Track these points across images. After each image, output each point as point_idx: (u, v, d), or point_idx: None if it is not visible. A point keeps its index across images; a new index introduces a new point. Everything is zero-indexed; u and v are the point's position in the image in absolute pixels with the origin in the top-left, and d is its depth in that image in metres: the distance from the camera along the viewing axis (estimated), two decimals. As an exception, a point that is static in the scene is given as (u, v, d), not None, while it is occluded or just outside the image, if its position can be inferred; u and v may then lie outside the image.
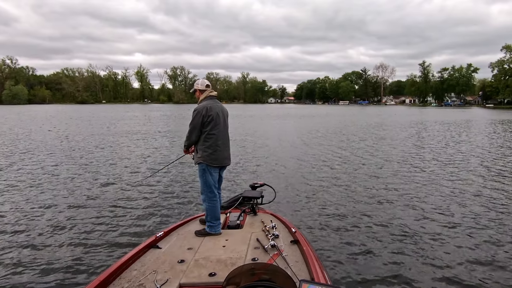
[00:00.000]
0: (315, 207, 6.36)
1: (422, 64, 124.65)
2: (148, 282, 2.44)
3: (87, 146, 14.84)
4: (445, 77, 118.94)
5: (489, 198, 6.83)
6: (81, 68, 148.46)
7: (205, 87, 3.80)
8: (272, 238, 3.09)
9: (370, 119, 37.59)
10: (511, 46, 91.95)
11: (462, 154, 12.63)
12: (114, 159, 11.55)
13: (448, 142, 16.67)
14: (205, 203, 3.66)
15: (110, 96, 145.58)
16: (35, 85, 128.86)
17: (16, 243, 4.73)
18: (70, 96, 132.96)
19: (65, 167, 9.99)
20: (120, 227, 5.31)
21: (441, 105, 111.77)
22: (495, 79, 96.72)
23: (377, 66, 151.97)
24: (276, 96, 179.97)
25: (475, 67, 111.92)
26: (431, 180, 8.42)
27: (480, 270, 3.98)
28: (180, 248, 3.05)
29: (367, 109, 74.04)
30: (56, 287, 3.67)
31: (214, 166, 3.67)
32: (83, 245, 4.64)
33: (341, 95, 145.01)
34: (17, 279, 3.80)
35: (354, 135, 20.14)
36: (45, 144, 15.38)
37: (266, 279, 2.00)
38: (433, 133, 21.62)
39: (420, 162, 10.93)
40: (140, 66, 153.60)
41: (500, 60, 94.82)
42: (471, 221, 5.56)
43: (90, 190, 7.47)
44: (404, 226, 5.34)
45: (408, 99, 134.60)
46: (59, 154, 12.46)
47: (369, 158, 11.80)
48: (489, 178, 8.68)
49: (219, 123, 3.66)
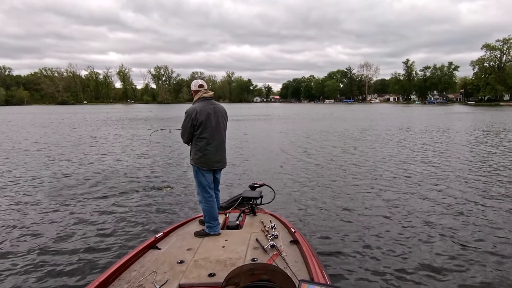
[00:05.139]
0: (315, 207, 6.37)
1: (405, 62, 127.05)
2: (147, 283, 2.44)
3: (79, 145, 14.48)
4: (428, 75, 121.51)
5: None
6: (60, 68, 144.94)
7: (198, 87, 3.71)
8: (272, 238, 3.10)
9: (360, 123, 36.72)
10: (491, 44, 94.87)
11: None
12: (111, 159, 11.32)
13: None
14: (202, 204, 3.65)
15: (91, 97, 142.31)
16: (12, 85, 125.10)
17: (15, 244, 4.69)
18: (49, 97, 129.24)
19: (64, 167, 9.79)
20: (119, 228, 5.27)
21: (425, 103, 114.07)
22: (476, 77, 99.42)
23: (361, 65, 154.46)
24: (262, 95, 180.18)
25: (456, 65, 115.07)
26: (439, 185, 7.94)
27: (482, 270, 4.00)
28: (179, 249, 3.05)
29: (353, 107, 74.74)
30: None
31: (205, 169, 3.64)
32: (82, 247, 4.60)
33: (326, 93, 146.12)
34: (16, 281, 3.76)
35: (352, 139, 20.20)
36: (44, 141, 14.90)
37: (266, 279, 2.00)
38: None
39: (421, 163, 10.96)
40: (122, 66, 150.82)
41: (480, 58, 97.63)
42: (480, 221, 5.54)
43: (89, 191, 7.36)
44: (405, 226, 5.37)
45: (392, 97, 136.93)
46: (57, 152, 12.16)
47: (370, 158, 11.81)
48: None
49: (210, 125, 3.58)
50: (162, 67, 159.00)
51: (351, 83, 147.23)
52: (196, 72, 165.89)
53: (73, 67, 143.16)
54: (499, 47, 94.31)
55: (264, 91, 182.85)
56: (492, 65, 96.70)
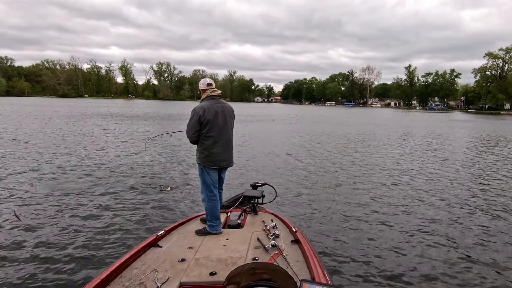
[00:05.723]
0: (316, 206, 6.38)
1: (408, 67, 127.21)
2: (148, 281, 2.44)
3: (80, 141, 14.44)
4: (430, 81, 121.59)
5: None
6: (62, 61, 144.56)
7: (206, 85, 3.72)
8: (273, 237, 3.09)
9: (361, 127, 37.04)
10: (494, 53, 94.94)
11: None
12: (113, 156, 11.30)
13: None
14: (205, 202, 3.65)
15: (92, 90, 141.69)
16: (13, 76, 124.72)
17: (15, 241, 4.64)
18: (50, 89, 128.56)
19: (64, 165, 9.71)
20: (120, 225, 5.25)
21: (426, 109, 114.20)
22: (477, 85, 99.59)
23: (363, 69, 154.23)
24: (263, 95, 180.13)
25: (458, 72, 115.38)
26: (438, 187, 8.09)
27: (481, 277, 4.00)
28: (180, 247, 3.04)
29: (354, 111, 74.73)
30: (56, 286, 3.61)
31: (211, 168, 3.64)
32: (84, 244, 4.57)
33: (328, 96, 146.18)
34: (17, 278, 3.74)
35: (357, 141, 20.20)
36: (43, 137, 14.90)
37: (267, 279, 1.99)
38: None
39: (424, 164, 11.02)
40: (124, 61, 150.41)
41: (482, 66, 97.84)
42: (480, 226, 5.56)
43: (90, 188, 7.31)
44: (405, 227, 5.39)
45: (393, 102, 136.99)
46: (56, 149, 12.15)
47: (371, 161, 11.81)
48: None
49: (217, 124, 3.58)
50: (164, 64, 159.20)
51: (353, 87, 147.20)
52: (198, 70, 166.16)
53: (75, 60, 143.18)
54: (502, 56, 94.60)
55: (266, 91, 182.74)
56: (494, 73, 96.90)
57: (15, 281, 3.67)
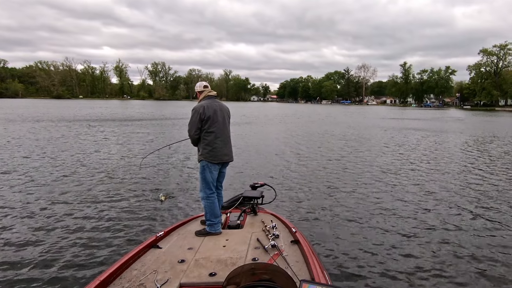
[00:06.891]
0: (316, 207, 6.37)
1: (403, 65, 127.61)
2: (148, 282, 2.45)
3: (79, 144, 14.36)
4: (425, 78, 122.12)
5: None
6: (56, 62, 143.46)
7: (203, 88, 3.96)
8: (273, 238, 3.10)
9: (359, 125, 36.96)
10: (488, 50, 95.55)
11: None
12: (114, 159, 11.23)
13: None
14: (203, 200, 3.70)
15: (87, 91, 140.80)
16: (6, 78, 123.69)
17: (16, 242, 4.64)
18: (44, 91, 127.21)
19: (63, 165, 9.69)
20: (120, 226, 5.24)
21: (421, 106, 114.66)
22: (472, 82, 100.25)
23: (359, 67, 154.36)
24: (259, 94, 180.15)
25: (453, 69, 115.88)
26: (442, 189, 7.86)
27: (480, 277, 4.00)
28: (180, 248, 3.05)
29: (350, 109, 74.83)
30: (56, 287, 3.61)
31: (214, 163, 3.75)
32: (83, 245, 4.57)
33: (324, 94, 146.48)
34: (17, 278, 3.74)
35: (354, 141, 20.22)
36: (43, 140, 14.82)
37: (267, 279, 2.02)
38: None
39: (424, 168, 10.94)
40: (119, 61, 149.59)
41: (477, 63, 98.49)
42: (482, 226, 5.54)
43: (90, 190, 7.28)
44: (406, 228, 5.38)
45: (389, 100, 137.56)
46: (58, 151, 12.15)
47: (371, 160, 11.78)
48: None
49: (217, 120, 3.77)
50: (159, 64, 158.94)
51: (349, 85, 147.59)
52: (193, 70, 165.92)
53: (69, 61, 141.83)
54: (496, 52, 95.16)
55: (262, 90, 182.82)
56: (489, 70, 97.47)
57: (14, 282, 3.66)
